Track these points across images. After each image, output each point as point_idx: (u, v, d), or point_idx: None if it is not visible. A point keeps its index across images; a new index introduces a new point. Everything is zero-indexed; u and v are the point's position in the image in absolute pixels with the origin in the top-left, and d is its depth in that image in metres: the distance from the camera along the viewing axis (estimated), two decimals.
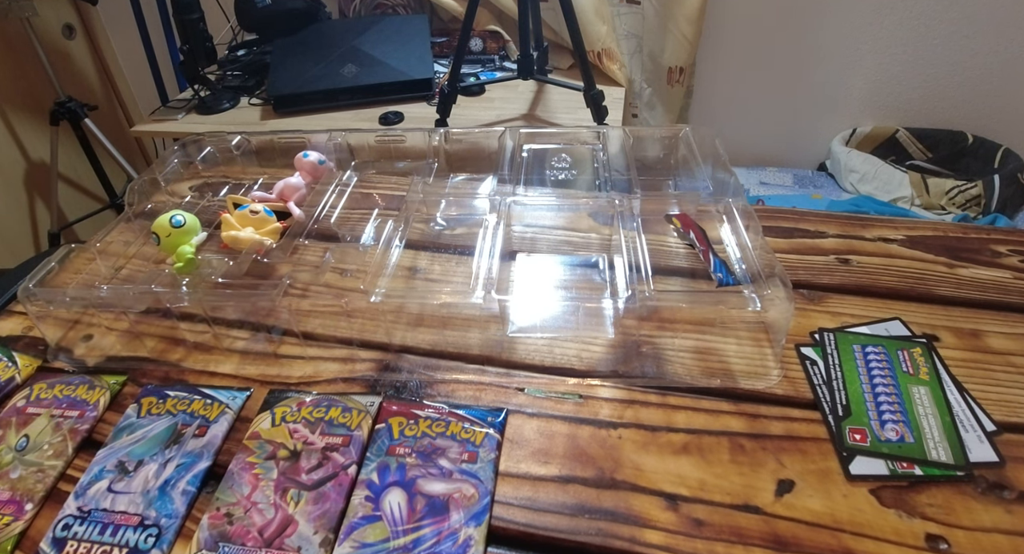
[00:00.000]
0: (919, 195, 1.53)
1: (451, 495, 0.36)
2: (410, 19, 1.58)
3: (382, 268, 0.54)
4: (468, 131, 0.72)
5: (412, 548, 0.33)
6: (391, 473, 0.36)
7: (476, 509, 0.35)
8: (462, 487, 0.36)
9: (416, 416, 0.40)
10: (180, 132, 1.41)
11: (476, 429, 0.39)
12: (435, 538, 0.33)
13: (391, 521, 0.34)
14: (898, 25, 1.58)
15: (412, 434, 0.38)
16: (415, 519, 0.34)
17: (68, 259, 0.56)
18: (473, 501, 0.35)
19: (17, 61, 1.74)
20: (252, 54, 1.63)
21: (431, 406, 0.41)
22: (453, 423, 0.39)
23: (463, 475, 0.37)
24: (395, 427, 0.39)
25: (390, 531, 0.33)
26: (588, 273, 0.56)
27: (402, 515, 0.34)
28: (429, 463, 0.37)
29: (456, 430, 0.39)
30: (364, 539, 0.33)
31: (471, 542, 0.34)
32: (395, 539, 0.33)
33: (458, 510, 0.35)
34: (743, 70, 1.76)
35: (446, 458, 0.38)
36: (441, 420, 0.39)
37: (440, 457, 0.38)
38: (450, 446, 0.38)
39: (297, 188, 0.64)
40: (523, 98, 1.44)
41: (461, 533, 0.34)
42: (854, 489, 0.40)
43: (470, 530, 0.34)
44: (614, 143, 0.67)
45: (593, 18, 1.52)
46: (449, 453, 0.38)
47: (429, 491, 0.36)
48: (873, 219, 0.63)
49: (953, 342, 0.49)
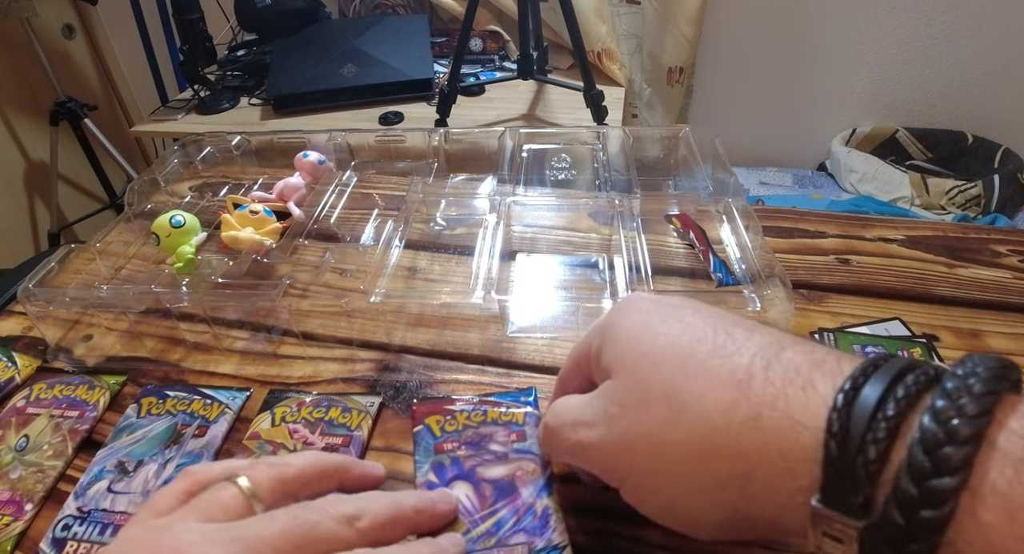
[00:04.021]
0: (919, 195, 1.53)
1: (513, 474, 0.35)
2: (410, 19, 1.58)
3: (382, 268, 0.54)
4: (468, 131, 0.72)
5: (495, 531, 0.33)
6: (448, 469, 0.36)
7: (542, 481, 0.35)
8: (521, 464, 0.36)
9: (450, 412, 0.39)
10: (180, 132, 1.41)
11: (514, 410, 0.39)
12: (514, 517, 0.33)
13: (465, 513, 0.33)
14: (898, 25, 1.58)
15: (453, 429, 0.38)
16: (488, 505, 0.34)
17: (68, 259, 0.56)
18: (536, 475, 0.36)
19: (17, 61, 1.74)
20: (252, 54, 1.63)
21: (459, 399, 0.40)
22: (490, 410, 0.39)
23: (518, 454, 0.37)
24: (434, 426, 0.38)
25: (468, 522, 0.33)
26: (588, 273, 0.56)
27: (474, 504, 0.34)
28: (482, 451, 0.37)
29: (495, 415, 0.38)
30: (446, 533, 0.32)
31: (550, 512, 0.34)
32: (475, 528, 0.33)
33: (525, 486, 0.35)
34: (743, 70, 1.76)
35: (496, 443, 0.37)
36: (477, 410, 0.39)
37: (490, 443, 0.37)
38: (495, 431, 0.38)
39: (297, 188, 0.64)
40: (523, 98, 1.44)
41: (537, 506, 0.34)
42: None
43: (544, 501, 0.34)
44: (614, 143, 0.67)
45: (593, 18, 1.52)
46: (497, 437, 0.37)
47: (492, 476, 0.35)
48: (873, 219, 0.63)
49: (953, 342, 0.49)
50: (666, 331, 0.27)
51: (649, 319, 0.28)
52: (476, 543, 0.32)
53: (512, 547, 0.32)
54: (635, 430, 0.25)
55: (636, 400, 0.25)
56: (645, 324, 0.28)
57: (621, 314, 0.29)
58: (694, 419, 0.23)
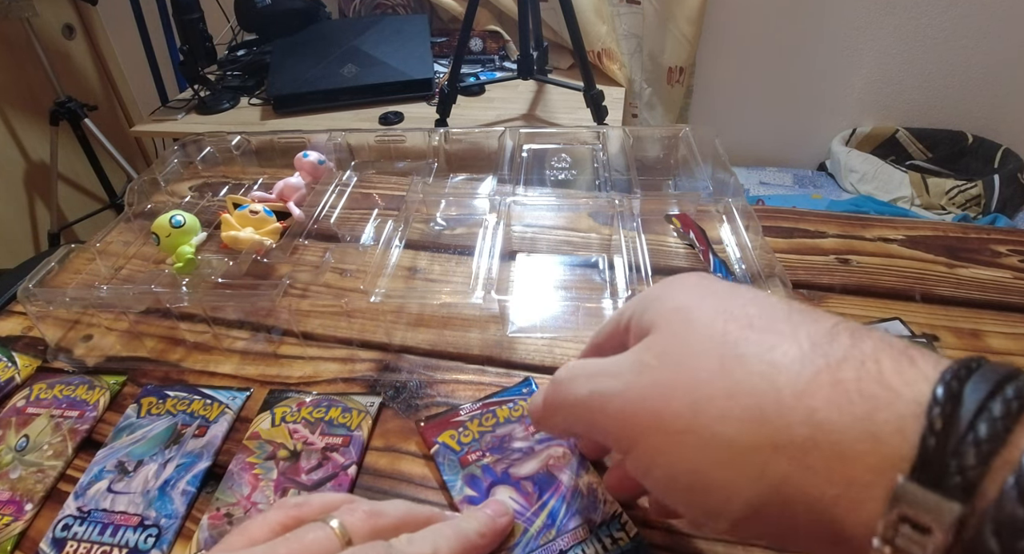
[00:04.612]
0: (919, 195, 1.53)
1: (547, 464, 0.36)
2: (410, 19, 1.58)
3: (382, 268, 0.54)
4: (468, 131, 0.72)
5: (551, 522, 0.33)
6: (481, 479, 0.36)
7: (575, 462, 0.36)
8: (550, 453, 0.36)
9: (460, 423, 0.38)
10: (180, 132, 1.41)
11: (522, 403, 0.39)
12: (563, 504, 0.34)
13: (517, 515, 0.33)
14: (898, 25, 1.58)
15: (470, 439, 0.38)
16: (535, 501, 0.34)
17: (68, 259, 0.56)
18: (568, 458, 0.36)
19: (17, 61, 1.74)
20: (252, 54, 1.63)
21: (461, 408, 0.40)
22: (498, 410, 0.39)
23: (543, 444, 0.37)
24: (450, 442, 0.38)
25: (522, 523, 0.33)
26: (588, 273, 0.56)
27: (522, 505, 0.34)
28: (507, 452, 0.37)
29: (505, 414, 0.39)
30: (507, 544, 0.32)
31: (594, 486, 0.34)
32: (531, 526, 0.33)
33: (562, 471, 0.35)
34: (743, 70, 1.76)
35: (517, 439, 0.37)
36: (486, 414, 0.39)
37: (512, 442, 0.37)
38: (512, 429, 0.38)
39: (297, 188, 0.64)
40: (523, 98, 1.44)
41: (581, 485, 0.34)
42: None
43: (585, 478, 0.35)
44: (614, 143, 0.67)
45: (593, 18, 1.52)
46: (516, 434, 0.37)
47: (527, 472, 0.35)
48: (873, 219, 0.63)
49: (953, 342, 0.49)
50: (728, 293, 0.23)
51: (705, 282, 0.25)
52: (538, 539, 0.32)
53: (574, 531, 0.32)
54: (672, 380, 0.22)
55: (679, 350, 0.22)
56: (699, 285, 0.25)
57: (669, 281, 0.26)
58: (753, 372, 0.20)
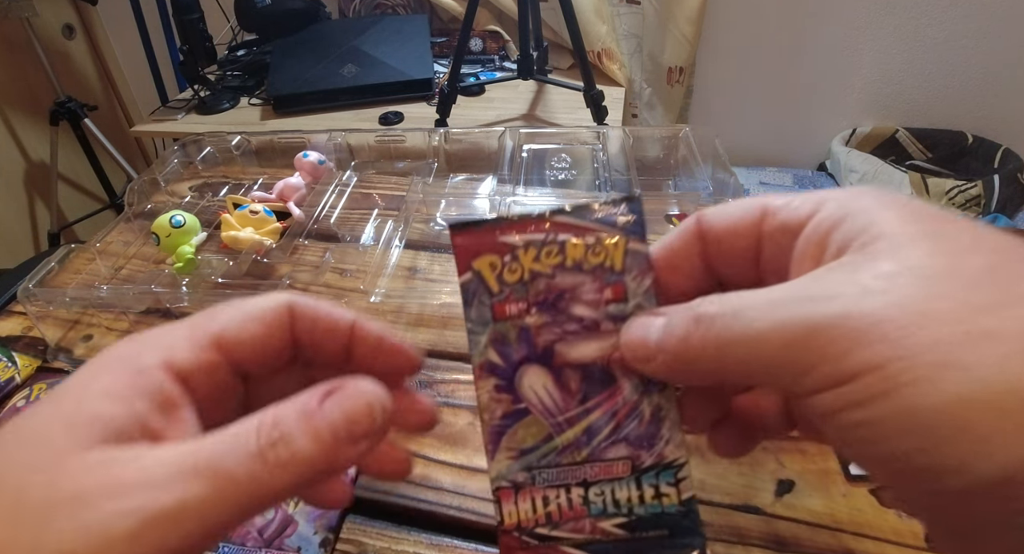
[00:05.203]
0: (919, 195, 1.53)
1: (610, 355, 0.23)
2: (410, 19, 1.58)
3: (382, 268, 0.54)
4: (468, 131, 0.72)
5: (587, 440, 0.23)
6: (513, 346, 0.24)
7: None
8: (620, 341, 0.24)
9: (510, 247, 0.24)
10: (180, 132, 1.41)
11: (607, 241, 0.24)
12: (611, 422, 0.23)
13: (544, 412, 0.23)
14: (898, 25, 1.58)
15: (516, 278, 0.24)
16: (576, 403, 0.23)
17: (68, 259, 0.56)
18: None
19: (17, 61, 1.74)
20: (252, 54, 1.63)
21: (525, 221, 0.24)
22: (570, 242, 0.24)
23: (617, 322, 0.24)
24: (488, 274, 0.24)
25: (548, 424, 0.23)
26: None
27: (555, 401, 0.23)
28: (560, 317, 0.24)
29: (578, 253, 0.24)
30: (520, 444, 0.23)
31: (662, 414, 0.23)
32: (559, 435, 0.23)
33: (627, 375, 0.23)
34: (743, 70, 1.76)
35: (581, 303, 0.24)
36: (550, 243, 0.24)
37: (572, 303, 0.24)
38: (580, 282, 0.24)
39: (297, 188, 0.64)
40: (523, 98, 1.44)
41: (644, 406, 0.23)
42: (854, 489, 0.40)
43: (655, 399, 0.23)
44: (614, 143, 0.67)
45: (593, 18, 1.52)
46: (583, 294, 0.24)
47: (578, 357, 0.24)
48: None
49: None
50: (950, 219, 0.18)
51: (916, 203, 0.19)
52: (561, 456, 0.23)
53: (610, 463, 0.23)
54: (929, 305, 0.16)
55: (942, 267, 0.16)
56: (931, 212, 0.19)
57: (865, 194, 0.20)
58: None
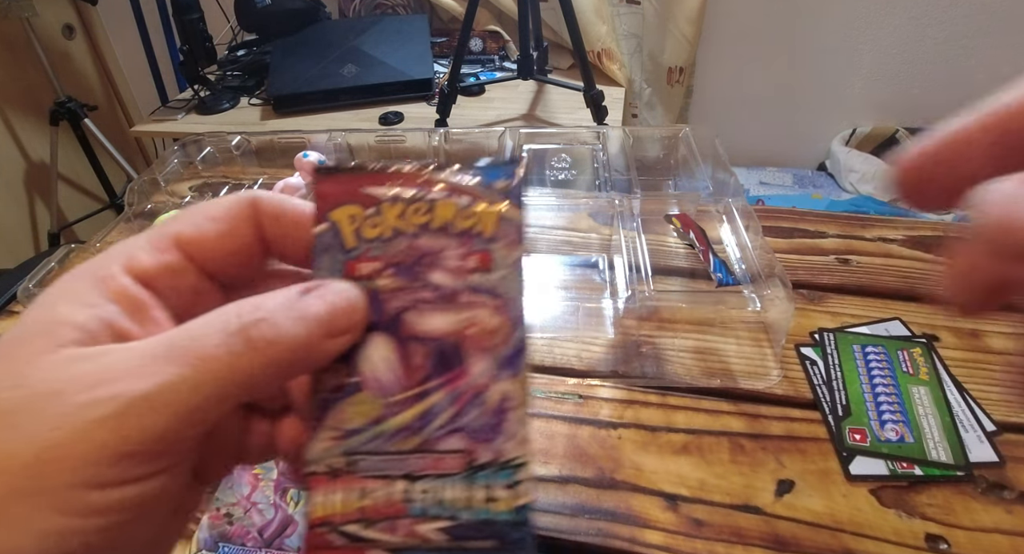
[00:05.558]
0: None
1: (463, 331, 0.21)
2: (410, 19, 1.58)
3: None
4: (468, 131, 0.72)
5: (421, 426, 0.20)
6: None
7: (506, 349, 0.21)
8: (478, 315, 0.21)
9: (376, 200, 0.22)
10: (180, 132, 1.41)
11: (480, 206, 0.22)
12: (453, 406, 0.21)
13: (379, 389, 0.21)
14: (898, 25, 1.58)
15: (377, 234, 0.22)
16: (417, 380, 0.21)
17: (68, 259, 0.56)
18: (500, 336, 0.21)
19: (17, 61, 1.74)
20: (252, 54, 1.63)
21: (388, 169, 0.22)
22: (441, 203, 0.22)
23: (476, 294, 0.22)
24: (345, 226, 0.22)
25: (381, 404, 0.21)
26: (588, 273, 0.56)
27: (394, 376, 0.21)
28: (417, 283, 0.22)
29: (448, 214, 0.22)
30: (346, 423, 0.20)
31: (508, 404, 0.21)
32: (392, 417, 0.20)
33: (479, 355, 0.21)
34: (743, 70, 1.76)
35: (442, 269, 0.22)
36: (418, 200, 0.22)
37: (433, 268, 0.22)
38: (445, 245, 0.22)
39: (297, 188, 0.64)
40: (523, 98, 1.44)
41: (491, 392, 0.21)
42: (854, 489, 0.40)
43: (504, 385, 0.21)
44: (614, 143, 0.67)
45: (593, 18, 1.52)
46: (446, 259, 0.22)
47: (428, 330, 0.21)
48: (873, 219, 0.63)
49: (953, 342, 0.49)
50: None
51: None
52: (389, 441, 0.20)
53: (441, 456, 0.20)
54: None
55: None
56: None
57: None
58: None
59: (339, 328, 0.19)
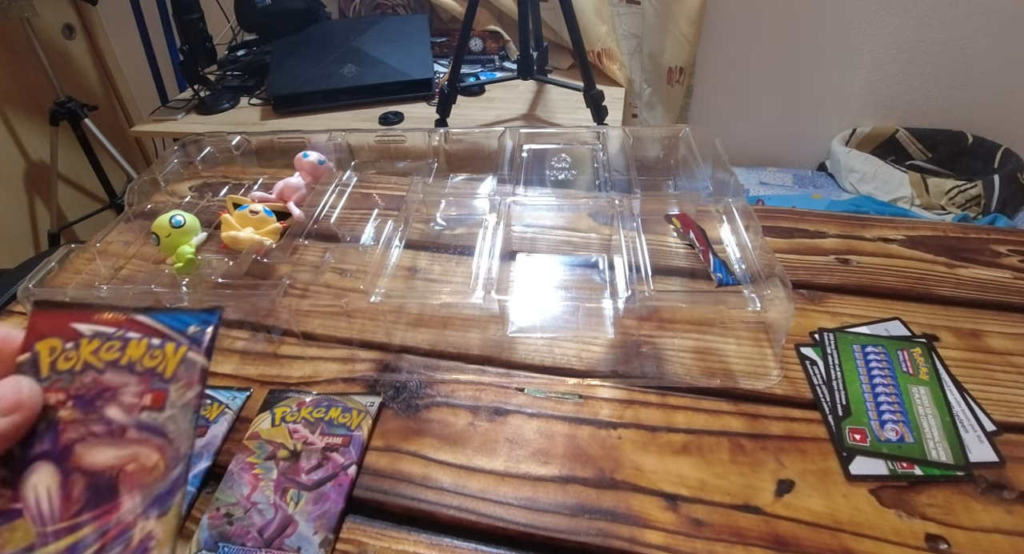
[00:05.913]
0: (919, 195, 1.53)
1: (122, 467, 0.22)
2: (410, 19, 1.58)
3: (382, 268, 0.54)
4: (468, 131, 0.72)
5: None
6: (37, 438, 0.22)
7: (160, 487, 0.22)
8: (140, 452, 0.23)
9: (78, 335, 0.24)
10: (180, 132, 1.41)
11: (168, 347, 0.24)
12: (99, 541, 0.21)
13: (37, 517, 0.21)
14: (898, 25, 1.58)
15: (70, 366, 0.23)
16: (72, 512, 0.22)
17: (68, 259, 0.56)
18: (156, 474, 0.22)
19: (17, 61, 1.74)
20: (252, 54, 1.63)
21: (108, 313, 0.25)
22: (134, 342, 0.24)
23: (143, 431, 0.23)
24: (44, 358, 0.24)
25: (35, 533, 0.21)
26: (588, 273, 0.56)
27: (53, 507, 0.22)
28: (93, 415, 0.23)
29: (138, 353, 0.24)
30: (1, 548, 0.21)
31: (150, 544, 0.22)
32: (41, 547, 0.21)
33: (132, 492, 0.22)
34: (743, 70, 1.76)
35: (118, 405, 0.23)
36: (113, 339, 0.24)
37: (110, 403, 0.23)
38: (127, 382, 0.23)
39: (297, 188, 0.64)
40: (523, 98, 1.44)
41: (136, 529, 0.22)
42: (854, 489, 0.40)
43: (150, 523, 0.22)
44: (614, 143, 0.67)
45: (593, 18, 1.52)
46: (124, 395, 0.23)
47: (91, 463, 0.22)
48: (873, 219, 0.63)
49: (953, 342, 0.49)
50: None
51: None
52: None
53: None
54: None
55: None
56: None
57: None
58: None
59: (5, 408, 0.20)
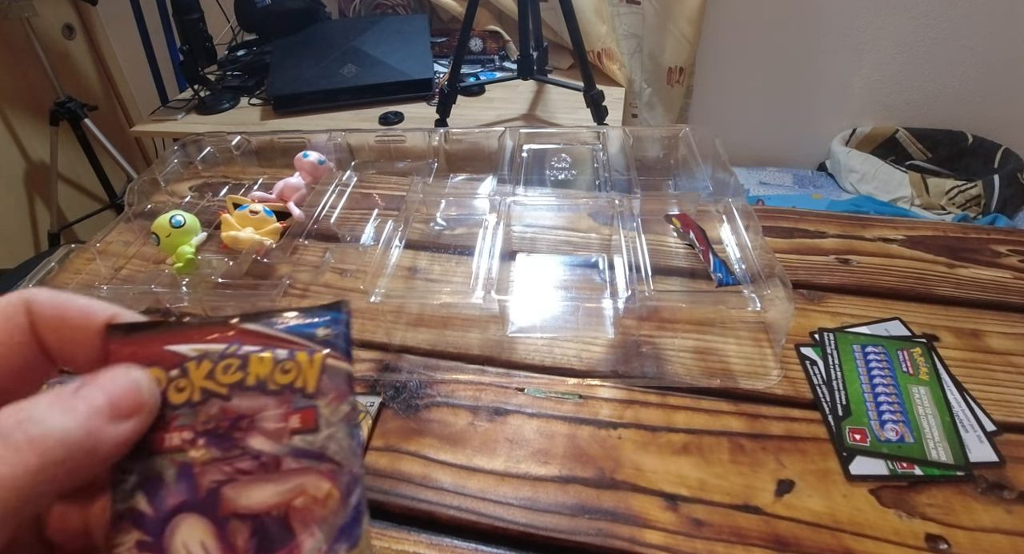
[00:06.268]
0: (919, 195, 1.53)
1: (289, 503, 0.19)
2: (410, 19, 1.58)
3: (382, 268, 0.54)
4: (468, 131, 0.72)
5: None
6: (169, 489, 0.18)
7: (340, 519, 0.19)
8: (305, 482, 0.19)
9: (181, 359, 0.19)
10: (180, 132, 1.41)
11: (300, 357, 0.19)
12: None
13: None
14: (898, 25, 1.58)
15: (185, 398, 0.19)
16: None
17: (68, 259, 0.56)
18: (332, 504, 0.19)
19: (17, 61, 1.74)
20: (252, 54, 1.63)
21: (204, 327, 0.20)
22: (255, 357, 0.19)
23: (302, 459, 0.19)
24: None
25: None
26: (588, 273, 0.56)
27: None
28: (234, 451, 0.19)
29: (264, 369, 0.19)
30: None
31: None
32: None
33: (309, 528, 0.18)
34: (743, 70, 1.76)
35: (261, 432, 0.19)
36: (229, 356, 0.19)
37: (250, 434, 0.19)
38: (263, 406, 0.19)
39: (297, 188, 0.64)
40: (523, 98, 1.44)
41: None
42: (854, 489, 0.40)
43: None
44: (614, 143, 0.67)
45: (593, 18, 1.52)
46: (265, 421, 0.19)
47: (250, 505, 0.18)
48: (873, 219, 0.63)
49: (953, 342, 0.49)
50: None
51: None
52: None
53: None
54: None
55: None
56: None
57: None
58: None
59: (123, 411, 0.17)
